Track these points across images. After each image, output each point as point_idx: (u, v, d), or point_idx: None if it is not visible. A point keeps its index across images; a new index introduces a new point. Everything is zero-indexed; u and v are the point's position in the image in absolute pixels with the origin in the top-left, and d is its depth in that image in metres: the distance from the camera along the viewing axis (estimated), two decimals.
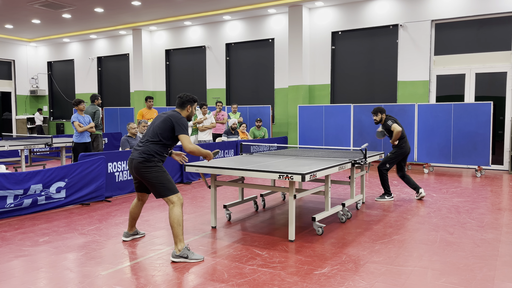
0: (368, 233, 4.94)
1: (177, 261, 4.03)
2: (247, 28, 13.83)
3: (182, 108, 4.41)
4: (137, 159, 4.17)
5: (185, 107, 4.40)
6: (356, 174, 6.10)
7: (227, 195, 7.29)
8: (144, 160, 4.15)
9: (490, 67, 10.35)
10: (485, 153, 9.30)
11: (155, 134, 4.23)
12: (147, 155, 4.16)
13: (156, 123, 4.29)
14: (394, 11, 11.36)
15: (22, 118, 18.52)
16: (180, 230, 4.09)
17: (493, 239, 4.68)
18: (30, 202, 5.82)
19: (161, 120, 4.26)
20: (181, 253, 4.05)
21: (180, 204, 4.15)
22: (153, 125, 4.32)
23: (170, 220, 4.10)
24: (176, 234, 4.08)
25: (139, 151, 4.21)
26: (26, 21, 14.56)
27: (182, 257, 4.04)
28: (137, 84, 15.86)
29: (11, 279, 3.64)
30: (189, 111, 4.41)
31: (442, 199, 6.83)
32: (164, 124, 4.21)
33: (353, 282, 3.53)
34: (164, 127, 4.20)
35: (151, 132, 4.28)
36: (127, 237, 4.74)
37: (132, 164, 4.23)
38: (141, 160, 4.15)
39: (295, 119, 12.46)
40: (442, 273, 3.72)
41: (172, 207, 4.12)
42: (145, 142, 4.24)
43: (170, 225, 4.13)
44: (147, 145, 4.21)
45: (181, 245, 4.08)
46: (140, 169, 4.16)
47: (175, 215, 4.09)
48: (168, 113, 4.31)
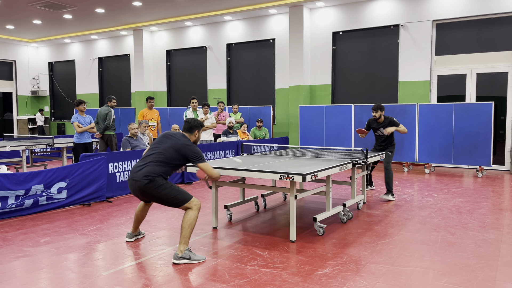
0: (369, 234, 4.94)
1: (179, 263, 4.00)
2: (248, 29, 13.83)
3: (190, 133, 4.37)
4: (142, 181, 4.06)
5: (193, 132, 4.37)
6: (357, 175, 6.10)
7: (228, 195, 7.29)
8: (149, 182, 4.06)
9: (491, 67, 10.34)
10: (486, 153, 9.29)
11: (163, 157, 4.14)
12: (153, 176, 4.08)
13: (164, 147, 4.19)
14: (395, 11, 11.36)
15: (23, 118, 18.54)
16: (189, 233, 4.07)
17: (494, 240, 4.67)
18: (32, 203, 5.83)
19: (172, 146, 4.17)
20: (184, 254, 4.02)
21: (197, 208, 4.14)
22: (159, 147, 4.20)
23: (183, 221, 4.07)
24: (184, 236, 4.05)
25: (142, 173, 4.09)
26: (27, 21, 14.58)
27: (185, 258, 4.02)
28: (138, 84, 15.87)
29: (13, 279, 3.64)
30: (196, 136, 4.41)
31: (443, 199, 6.83)
32: (176, 153, 4.16)
33: (354, 283, 3.53)
34: (175, 156, 4.16)
35: (157, 154, 4.17)
36: (130, 238, 4.71)
37: (136, 187, 4.12)
38: (146, 182, 4.06)
39: (296, 119, 12.46)
40: (443, 274, 3.72)
41: (189, 210, 4.13)
42: (149, 163, 4.14)
43: (181, 225, 4.11)
44: (152, 166, 4.11)
45: (184, 247, 4.06)
46: (147, 191, 4.08)
47: (190, 217, 4.08)
48: (177, 141, 4.20)
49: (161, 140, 4.29)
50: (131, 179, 4.17)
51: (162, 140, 4.28)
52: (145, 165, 4.14)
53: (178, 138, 4.25)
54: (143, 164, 4.17)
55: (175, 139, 4.23)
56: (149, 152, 4.28)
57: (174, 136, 4.27)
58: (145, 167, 4.13)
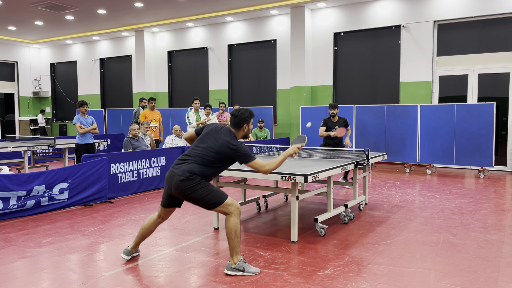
0: (371, 234, 4.93)
1: (232, 274, 3.72)
2: (249, 29, 13.84)
3: (238, 129, 3.91)
4: (180, 176, 3.68)
5: (241, 127, 3.91)
6: (359, 175, 6.09)
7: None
8: (186, 179, 3.66)
9: (493, 67, 10.33)
10: (488, 154, 9.27)
11: (204, 157, 3.73)
12: (191, 174, 3.68)
13: (204, 147, 3.77)
14: (397, 12, 11.35)
15: (25, 119, 18.58)
16: (237, 242, 3.73)
17: (496, 241, 4.66)
18: (33, 203, 5.84)
19: (216, 144, 3.75)
20: (237, 265, 3.72)
21: (237, 213, 3.76)
22: (201, 146, 3.79)
23: (227, 231, 3.73)
24: (233, 246, 3.73)
25: (183, 168, 3.70)
26: (29, 23, 14.62)
27: (238, 270, 3.72)
28: (139, 85, 15.89)
29: (14, 280, 3.64)
30: (245, 131, 3.94)
31: (445, 200, 6.82)
32: (218, 155, 3.74)
33: (356, 284, 3.52)
34: (217, 157, 3.75)
35: (199, 152, 3.76)
36: (127, 256, 4.12)
37: (173, 182, 3.73)
38: (183, 178, 3.67)
39: (297, 120, 12.46)
40: (445, 275, 3.71)
41: (228, 217, 3.76)
42: (190, 160, 3.75)
43: (226, 236, 3.80)
44: (193, 164, 3.72)
45: (237, 258, 3.75)
46: (182, 188, 3.68)
47: (231, 225, 3.72)
48: (216, 142, 3.76)
49: (205, 136, 3.86)
50: (171, 171, 3.76)
51: (206, 137, 3.85)
52: (188, 161, 3.74)
53: (219, 137, 3.78)
54: (188, 158, 3.77)
55: (214, 139, 3.78)
56: (193, 147, 3.85)
57: (217, 134, 3.81)
58: (188, 163, 3.72)
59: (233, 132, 3.87)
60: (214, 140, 3.78)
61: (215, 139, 3.78)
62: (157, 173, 7.88)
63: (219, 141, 3.76)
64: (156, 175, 7.86)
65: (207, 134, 3.86)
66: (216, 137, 3.79)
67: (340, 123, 7.93)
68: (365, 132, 10.76)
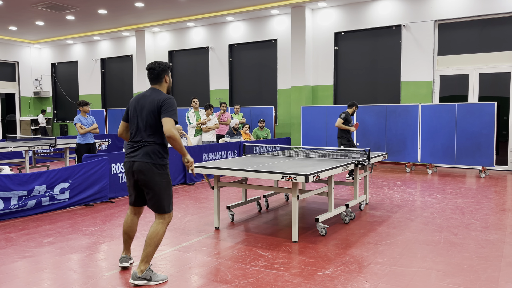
0: (372, 234, 4.93)
1: (138, 284, 3.49)
2: (250, 29, 13.84)
3: (160, 81, 3.68)
4: (146, 161, 3.51)
5: (163, 78, 3.68)
6: (360, 175, 6.09)
7: (230, 196, 7.29)
8: (154, 163, 3.51)
9: (493, 67, 10.32)
10: (489, 153, 9.27)
11: (151, 129, 3.54)
12: (156, 156, 3.53)
13: (144, 115, 3.54)
14: (397, 11, 11.35)
15: (26, 119, 18.60)
16: (154, 251, 3.53)
17: (497, 240, 4.66)
18: (34, 203, 5.84)
19: (148, 108, 3.52)
20: (144, 274, 3.50)
21: (168, 223, 3.61)
22: (141, 118, 3.55)
23: (151, 236, 3.51)
24: (148, 254, 3.50)
25: (144, 152, 3.52)
26: (30, 23, 14.63)
27: (145, 279, 3.50)
28: (140, 85, 15.90)
29: (15, 280, 3.65)
30: (167, 82, 3.72)
31: (446, 199, 6.81)
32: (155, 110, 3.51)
33: (357, 283, 3.52)
34: (155, 119, 3.52)
35: (144, 127, 3.54)
36: (126, 262, 3.88)
37: (135, 168, 3.53)
38: (150, 161, 3.51)
39: (298, 119, 12.46)
40: (446, 274, 3.71)
41: (159, 223, 3.57)
42: (143, 141, 3.55)
43: (147, 241, 3.51)
44: (151, 144, 3.54)
45: (145, 266, 3.52)
46: (148, 173, 3.50)
47: (160, 233, 3.53)
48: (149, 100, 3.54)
49: (134, 113, 3.60)
50: (130, 160, 3.56)
51: (136, 113, 3.60)
52: (143, 143, 3.55)
53: (146, 101, 3.56)
54: (141, 141, 3.56)
55: (144, 108, 3.55)
56: (133, 128, 3.60)
57: (143, 100, 3.58)
58: (145, 146, 3.54)
59: (156, 89, 3.65)
60: (145, 108, 3.55)
61: (144, 106, 3.56)
62: None
63: (149, 104, 3.54)
64: None
65: (134, 110, 3.61)
66: (144, 104, 3.56)
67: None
68: (366, 132, 10.75)
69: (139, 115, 3.59)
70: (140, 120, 3.58)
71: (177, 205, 6.59)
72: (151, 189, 3.55)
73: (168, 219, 3.62)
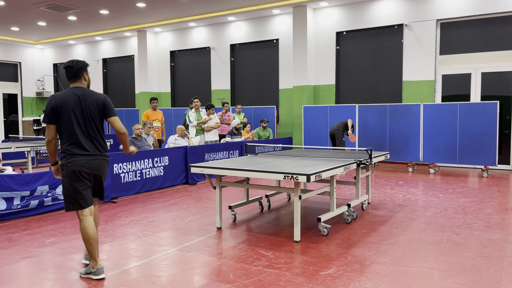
0: (374, 234, 4.92)
1: (88, 263, 3.86)
2: (252, 29, 13.84)
3: (80, 79, 3.74)
4: (103, 157, 3.76)
5: (82, 76, 3.74)
6: (362, 175, 6.08)
7: (232, 195, 7.30)
8: (106, 155, 3.82)
9: (496, 66, 10.29)
10: (492, 153, 9.24)
11: (96, 126, 3.72)
12: (105, 150, 3.81)
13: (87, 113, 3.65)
14: (399, 10, 11.33)
15: (29, 120, 18.64)
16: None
17: (500, 240, 4.65)
18: (37, 203, 5.86)
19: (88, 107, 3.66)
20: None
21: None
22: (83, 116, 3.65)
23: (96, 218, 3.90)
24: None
25: (97, 148, 3.72)
26: (32, 23, 14.66)
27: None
28: (142, 85, 15.92)
29: (18, 280, 3.66)
30: (86, 79, 3.79)
31: (449, 199, 6.80)
32: (97, 110, 3.71)
33: (359, 283, 3.52)
34: (98, 116, 3.73)
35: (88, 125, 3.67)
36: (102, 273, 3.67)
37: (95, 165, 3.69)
38: (106, 157, 3.81)
39: (300, 119, 12.45)
40: (449, 274, 3.70)
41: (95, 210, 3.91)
42: (94, 138, 3.72)
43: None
44: (98, 140, 3.75)
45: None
46: (104, 168, 3.79)
47: (95, 223, 3.86)
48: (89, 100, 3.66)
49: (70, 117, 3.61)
50: (86, 159, 3.63)
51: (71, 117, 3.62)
52: (94, 140, 3.73)
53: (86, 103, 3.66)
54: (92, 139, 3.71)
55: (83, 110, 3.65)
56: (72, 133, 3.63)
57: (84, 102, 3.66)
58: (96, 143, 3.74)
59: (81, 87, 3.71)
60: (89, 105, 3.67)
61: (83, 107, 3.64)
62: (160, 173, 7.90)
63: (92, 101, 3.68)
64: (159, 175, 7.88)
65: (74, 113, 3.61)
66: (83, 106, 3.64)
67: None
68: (367, 131, 10.74)
69: (82, 115, 3.65)
70: (86, 120, 3.68)
71: (179, 205, 6.60)
72: (102, 182, 3.86)
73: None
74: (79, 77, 3.73)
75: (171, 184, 8.18)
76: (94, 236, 3.62)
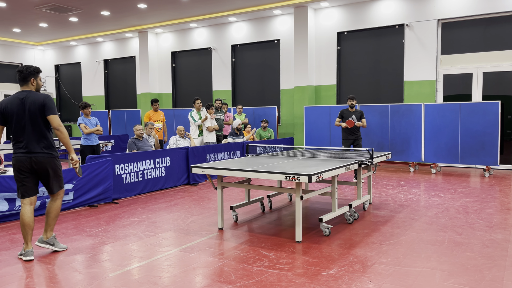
0: (376, 234, 4.92)
1: (42, 246, 4.35)
2: (253, 30, 13.84)
3: (27, 83, 4.16)
4: (45, 154, 4.13)
5: (29, 81, 4.17)
6: (363, 175, 6.08)
7: (234, 196, 7.30)
8: (49, 152, 4.16)
9: (497, 66, 10.28)
10: (493, 152, 9.23)
11: (38, 125, 4.10)
12: (50, 147, 4.17)
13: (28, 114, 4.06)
14: (400, 10, 11.32)
15: None
16: (55, 221, 4.36)
17: (502, 240, 4.64)
18: (39, 205, 5.87)
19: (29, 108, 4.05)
20: (49, 240, 4.35)
21: (62, 197, 4.39)
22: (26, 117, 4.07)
23: (53, 210, 4.30)
24: (51, 224, 4.33)
25: (40, 146, 4.11)
26: (34, 24, 14.69)
27: (49, 243, 4.35)
28: (143, 86, 15.94)
29: (20, 281, 3.67)
30: (34, 84, 4.21)
31: (450, 199, 6.79)
32: (38, 111, 4.07)
33: (361, 283, 3.52)
34: (40, 116, 4.09)
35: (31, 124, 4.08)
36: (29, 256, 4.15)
37: (37, 161, 4.10)
38: (49, 154, 4.15)
39: (301, 119, 12.45)
40: (451, 274, 3.70)
41: (57, 198, 4.33)
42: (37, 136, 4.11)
43: (48, 214, 4.31)
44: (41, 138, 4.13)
45: (50, 234, 4.36)
46: (47, 164, 4.15)
47: (59, 207, 4.34)
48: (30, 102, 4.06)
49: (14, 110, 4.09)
50: (25, 156, 4.10)
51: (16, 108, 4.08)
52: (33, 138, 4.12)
53: (29, 105, 4.07)
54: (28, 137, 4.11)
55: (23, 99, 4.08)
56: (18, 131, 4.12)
57: (19, 98, 4.09)
58: (39, 141, 4.13)
59: (27, 91, 4.15)
60: (28, 107, 4.07)
61: (26, 109, 4.07)
62: (162, 174, 7.90)
63: (32, 102, 4.08)
64: (161, 176, 7.88)
65: (17, 114, 4.08)
66: (25, 107, 4.08)
67: (356, 114, 8.84)
68: (369, 132, 10.73)
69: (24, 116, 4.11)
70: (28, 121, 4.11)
71: (181, 205, 6.60)
72: (48, 177, 4.25)
73: (63, 194, 4.42)
74: (27, 81, 4.17)
75: (173, 184, 8.19)
76: (29, 223, 4.17)
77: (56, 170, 4.26)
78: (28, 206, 4.20)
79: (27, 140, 4.11)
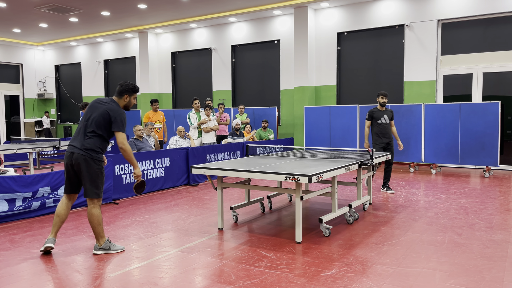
0: (376, 235, 4.92)
1: (99, 253, 4.32)
2: (253, 30, 13.85)
3: (120, 97, 4.39)
4: (81, 152, 4.16)
5: (123, 96, 4.39)
6: (363, 175, 6.08)
7: (234, 196, 7.30)
8: (89, 155, 4.18)
9: (497, 66, 10.28)
10: (493, 153, 9.23)
11: (94, 127, 4.21)
12: (92, 149, 4.20)
13: (93, 116, 4.24)
14: (400, 11, 11.33)
15: (30, 121, 18.68)
16: (101, 228, 4.31)
17: (502, 240, 4.64)
18: (39, 205, 5.87)
19: (99, 113, 4.23)
20: (104, 245, 4.33)
21: (99, 205, 4.32)
22: (90, 118, 4.26)
23: (91, 219, 4.26)
24: (98, 232, 4.31)
25: (81, 145, 4.19)
26: (34, 25, 14.70)
27: (105, 249, 4.33)
28: (143, 86, 15.94)
29: (20, 281, 3.67)
30: (126, 101, 4.40)
31: (450, 199, 6.79)
32: (102, 118, 4.21)
33: (361, 284, 3.52)
34: (102, 121, 4.22)
35: (89, 125, 4.24)
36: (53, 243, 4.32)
37: (73, 158, 4.20)
38: (85, 153, 4.16)
39: (301, 120, 12.45)
40: (451, 275, 3.70)
41: (92, 206, 4.27)
42: (84, 136, 4.23)
43: (90, 223, 4.30)
44: (88, 139, 4.21)
45: (102, 240, 4.34)
46: (84, 162, 4.16)
47: (95, 215, 4.27)
48: (106, 105, 4.27)
49: (91, 110, 4.29)
50: (69, 151, 4.23)
51: (93, 110, 4.29)
52: (84, 138, 4.22)
53: (108, 105, 4.27)
54: (81, 137, 4.24)
55: (104, 106, 4.26)
56: (81, 125, 4.31)
57: (103, 103, 4.29)
58: (84, 140, 4.21)
59: (115, 101, 4.37)
60: (100, 113, 4.23)
61: (100, 111, 4.23)
62: (161, 174, 7.90)
63: (103, 111, 4.23)
64: (161, 176, 7.88)
65: (91, 111, 4.28)
66: (100, 109, 4.24)
67: (388, 113, 7.46)
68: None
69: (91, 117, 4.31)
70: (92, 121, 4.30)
71: (181, 206, 6.60)
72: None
73: (99, 202, 4.33)
74: (121, 95, 4.38)
75: (173, 185, 8.19)
76: (59, 213, 4.32)
77: (91, 173, 4.20)
78: (63, 199, 4.39)
79: (75, 137, 4.27)
